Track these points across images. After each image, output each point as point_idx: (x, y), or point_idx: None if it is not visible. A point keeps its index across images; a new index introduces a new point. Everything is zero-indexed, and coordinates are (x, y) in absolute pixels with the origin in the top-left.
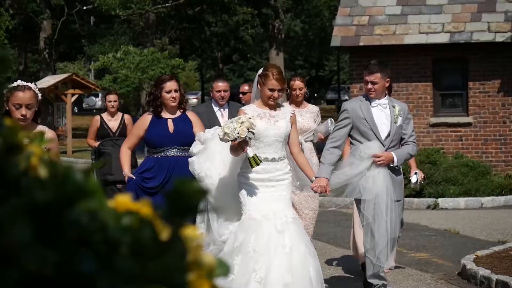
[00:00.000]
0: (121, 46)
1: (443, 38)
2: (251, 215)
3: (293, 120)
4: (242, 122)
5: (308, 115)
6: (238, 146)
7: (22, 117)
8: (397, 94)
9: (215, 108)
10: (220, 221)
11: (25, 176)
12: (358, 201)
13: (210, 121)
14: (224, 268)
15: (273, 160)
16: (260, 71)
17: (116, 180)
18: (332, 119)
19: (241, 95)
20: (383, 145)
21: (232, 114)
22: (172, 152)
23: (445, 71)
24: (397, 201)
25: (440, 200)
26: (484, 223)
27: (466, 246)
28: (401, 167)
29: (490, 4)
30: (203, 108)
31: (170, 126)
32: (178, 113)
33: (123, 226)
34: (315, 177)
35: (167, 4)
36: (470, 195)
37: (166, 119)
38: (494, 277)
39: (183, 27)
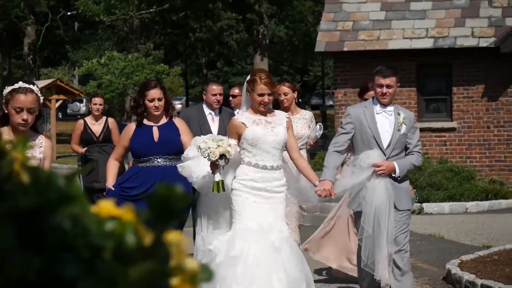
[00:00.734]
0: (105, 52)
1: (427, 43)
2: (247, 224)
3: (289, 125)
4: (218, 146)
5: (301, 122)
6: (211, 166)
7: (23, 122)
8: None
9: (206, 112)
10: (210, 228)
11: (8, 181)
12: (357, 214)
13: (201, 125)
14: (207, 273)
15: (271, 168)
16: (248, 77)
17: (103, 187)
18: (321, 124)
19: (231, 98)
20: (384, 154)
21: (223, 120)
22: (158, 161)
23: (429, 76)
24: (404, 210)
25: (424, 205)
26: (469, 227)
27: (451, 251)
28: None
29: (473, 9)
30: (193, 111)
31: (155, 134)
32: (164, 120)
33: (105, 231)
34: (319, 181)
35: (151, 10)
36: (454, 200)
37: (151, 126)
38: (479, 281)
39: (167, 32)
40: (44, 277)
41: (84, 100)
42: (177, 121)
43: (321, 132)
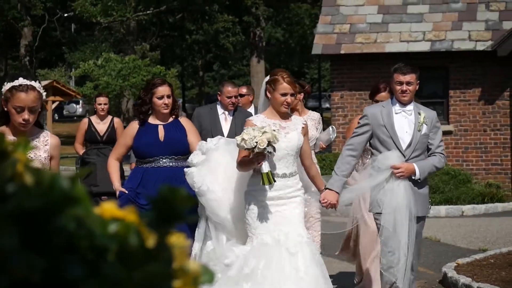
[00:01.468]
0: (102, 53)
1: (424, 47)
2: (263, 239)
3: (305, 131)
4: (264, 132)
5: (309, 123)
6: (254, 158)
7: (24, 122)
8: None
9: (220, 111)
10: (222, 240)
11: (11, 183)
12: (377, 215)
13: (212, 124)
14: (209, 276)
15: (284, 176)
16: (267, 78)
17: (101, 191)
18: (333, 127)
19: (238, 98)
20: (403, 155)
21: (236, 121)
22: (164, 162)
23: (426, 79)
24: (421, 217)
25: None
26: (465, 231)
27: (447, 254)
28: (427, 178)
29: (470, 13)
30: (206, 109)
31: (161, 133)
32: (170, 119)
33: (109, 233)
34: (325, 188)
35: (148, 12)
36: (451, 203)
37: (156, 125)
38: (475, 285)
39: (164, 34)
40: (48, 278)
41: (80, 101)
42: (183, 120)
43: (335, 135)
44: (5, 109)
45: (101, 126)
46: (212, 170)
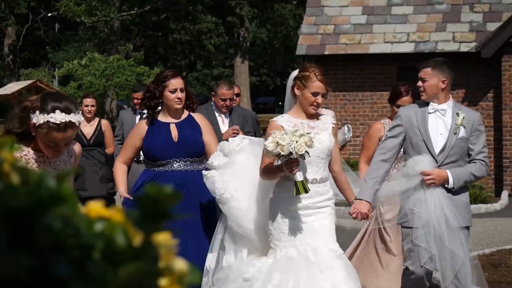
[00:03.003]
0: (86, 53)
1: (408, 48)
2: (287, 252)
3: (335, 131)
4: (301, 135)
5: None
6: (286, 165)
7: (57, 154)
8: (362, 103)
9: (216, 113)
10: (240, 254)
11: None
12: (404, 230)
13: None
14: (195, 275)
15: (314, 181)
16: (295, 73)
17: (90, 196)
18: (349, 126)
19: (234, 99)
20: (436, 160)
21: (234, 121)
22: (178, 165)
23: (410, 80)
24: (463, 227)
25: None
26: None
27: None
28: (468, 185)
29: (455, 14)
30: (202, 110)
31: (174, 132)
32: (183, 116)
33: (95, 232)
34: (355, 199)
35: (132, 12)
36: None
37: (168, 123)
38: None
39: (148, 34)
40: (35, 277)
41: None
42: (198, 117)
43: (350, 134)
44: (33, 133)
45: (87, 129)
46: (237, 175)
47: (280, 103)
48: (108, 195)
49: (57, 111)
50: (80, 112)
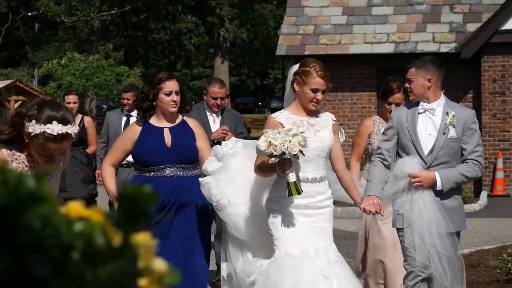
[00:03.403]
0: (66, 53)
1: (388, 48)
2: (287, 250)
3: (335, 129)
4: (294, 135)
5: None
6: (279, 166)
7: (50, 162)
8: (342, 103)
9: (208, 113)
10: (245, 258)
11: None
12: (399, 232)
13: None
14: (174, 275)
15: (314, 180)
16: (295, 68)
17: (70, 197)
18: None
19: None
20: (425, 162)
21: (225, 122)
22: (170, 171)
23: None
24: (452, 232)
25: None
26: None
27: None
28: (461, 187)
29: (435, 15)
30: (194, 110)
31: (167, 137)
32: (177, 121)
33: (75, 232)
34: (363, 198)
35: (112, 12)
36: None
37: (162, 128)
38: None
39: (128, 34)
40: (13, 276)
41: None
42: (191, 122)
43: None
44: (26, 140)
45: None
46: (232, 179)
47: (260, 103)
48: (89, 196)
49: (54, 122)
50: (77, 127)
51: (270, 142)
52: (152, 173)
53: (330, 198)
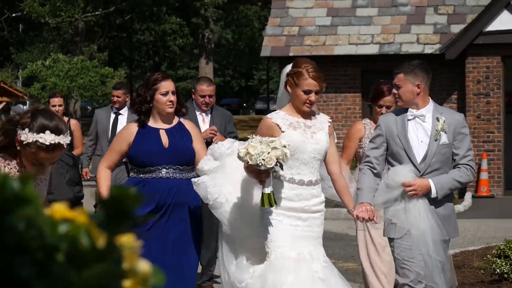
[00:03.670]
0: (50, 54)
1: (372, 49)
2: (283, 253)
3: (330, 131)
4: (274, 148)
5: None
6: (255, 175)
7: (40, 172)
8: (326, 104)
9: (197, 112)
10: (239, 261)
11: None
12: (391, 243)
13: None
14: (158, 277)
15: (309, 183)
16: (288, 68)
17: (56, 199)
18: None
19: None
20: (418, 170)
21: (215, 120)
22: (167, 172)
23: (374, 82)
24: (446, 240)
25: None
26: None
27: None
28: (453, 194)
29: (419, 16)
30: None
31: (164, 139)
32: (174, 122)
33: (60, 233)
34: (355, 206)
35: (96, 13)
36: None
37: (158, 129)
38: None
39: (112, 35)
40: None
41: (27, 102)
42: (188, 124)
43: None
44: (17, 147)
45: None
46: (229, 178)
47: (244, 104)
48: (75, 198)
49: (47, 132)
50: (69, 136)
51: (247, 150)
52: (148, 174)
53: (323, 202)
